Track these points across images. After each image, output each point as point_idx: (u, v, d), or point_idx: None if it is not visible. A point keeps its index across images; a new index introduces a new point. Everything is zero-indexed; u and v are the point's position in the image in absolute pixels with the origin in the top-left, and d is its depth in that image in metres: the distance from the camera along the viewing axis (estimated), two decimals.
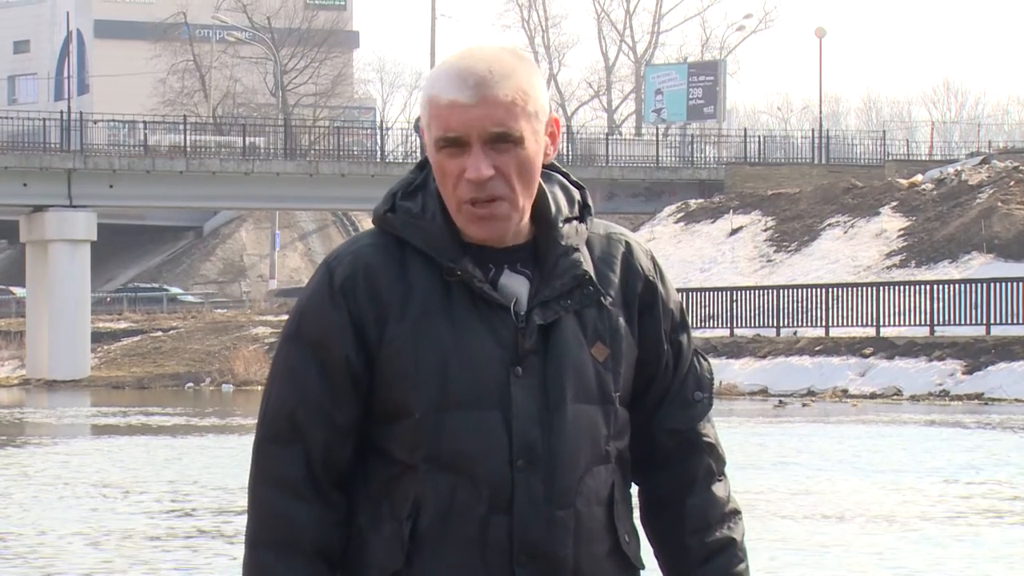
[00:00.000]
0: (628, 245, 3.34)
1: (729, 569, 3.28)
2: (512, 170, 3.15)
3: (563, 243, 3.26)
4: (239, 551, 9.94)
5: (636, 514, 3.20)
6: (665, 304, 3.31)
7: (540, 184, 3.28)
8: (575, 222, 3.27)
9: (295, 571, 3.12)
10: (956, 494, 18.80)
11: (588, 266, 3.23)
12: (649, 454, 3.29)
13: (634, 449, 3.27)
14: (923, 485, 19.91)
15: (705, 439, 3.30)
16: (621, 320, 3.26)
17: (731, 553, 3.28)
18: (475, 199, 3.14)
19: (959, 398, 40.47)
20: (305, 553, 3.13)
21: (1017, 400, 38.71)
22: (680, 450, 3.30)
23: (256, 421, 3.12)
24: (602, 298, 3.23)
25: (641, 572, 3.27)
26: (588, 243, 3.30)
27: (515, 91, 3.15)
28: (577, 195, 3.31)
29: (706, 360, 3.40)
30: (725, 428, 4.27)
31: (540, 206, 3.27)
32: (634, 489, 3.24)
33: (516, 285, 3.19)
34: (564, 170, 3.34)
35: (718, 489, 3.32)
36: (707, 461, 3.30)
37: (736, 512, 3.27)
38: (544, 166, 3.29)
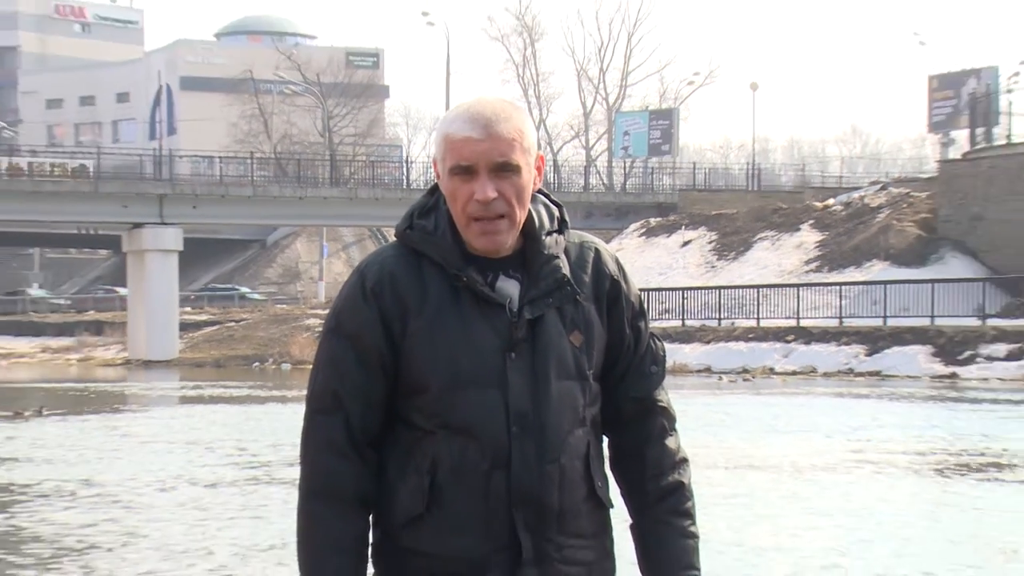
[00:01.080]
0: (597, 251, 3.44)
1: (679, 507, 3.38)
2: (511, 193, 3.23)
3: (546, 252, 3.33)
4: (293, 495, 10.13)
5: (607, 464, 3.34)
6: (627, 298, 3.40)
7: (531, 206, 3.33)
8: (555, 234, 3.35)
9: (339, 515, 3.22)
10: (855, 448, 18.77)
11: (566, 270, 3.31)
12: (616, 416, 3.38)
13: (604, 412, 3.36)
14: (830, 442, 19.88)
15: (659, 403, 3.40)
16: (593, 312, 3.35)
17: (681, 494, 3.39)
18: (481, 216, 3.23)
19: (861, 375, 40.31)
20: (347, 500, 3.22)
21: (907, 376, 38.63)
22: (640, 412, 3.38)
23: (305, 397, 3.29)
24: (577, 296, 3.32)
25: (610, 510, 3.37)
26: (566, 251, 3.36)
27: (514, 131, 3.26)
28: (556, 212, 3.39)
29: (660, 341, 3.50)
30: (677, 398, 4.20)
31: (527, 222, 3.33)
32: (605, 442, 3.35)
33: (509, 287, 3.28)
34: (546, 192, 3.43)
35: (670, 442, 3.42)
36: (661, 420, 3.40)
37: (685, 460, 3.41)
38: (539, 191, 3.41)
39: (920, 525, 12.36)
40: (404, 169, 76.09)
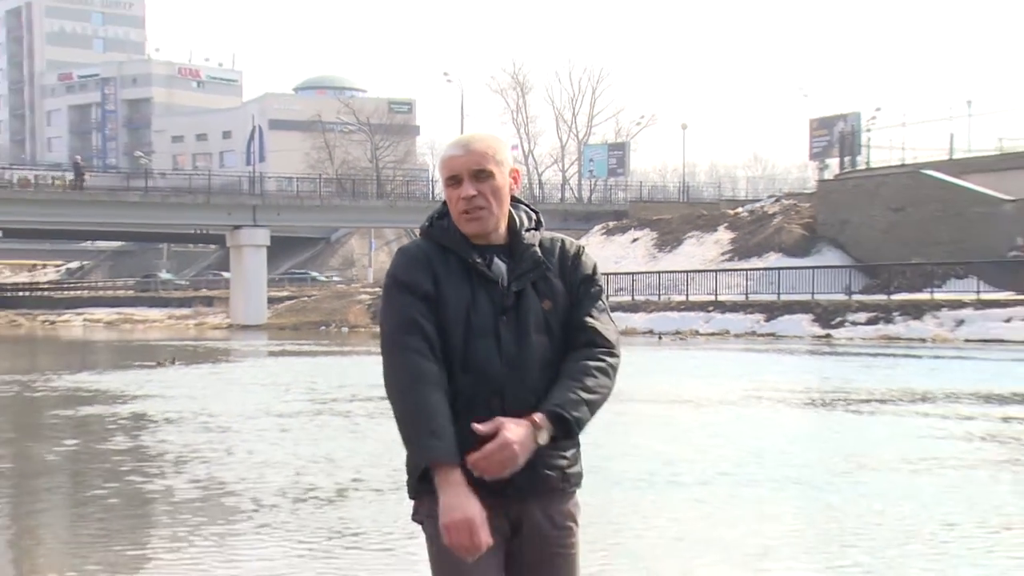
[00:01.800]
0: (563, 242, 3.53)
1: (580, 376, 3.34)
2: (488, 192, 3.35)
3: (525, 243, 3.44)
4: (356, 421, 10.29)
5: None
6: (584, 272, 3.46)
7: (512, 209, 3.47)
8: (533, 231, 3.46)
9: (433, 391, 3.21)
10: (753, 388, 18.80)
11: (540, 255, 3.42)
12: (570, 346, 3.40)
13: (565, 349, 3.39)
14: (734, 383, 19.83)
15: (598, 335, 3.42)
16: (559, 285, 3.43)
17: (587, 373, 3.38)
18: (467, 209, 3.35)
19: (761, 335, 40.29)
20: (433, 384, 3.22)
21: (794, 336, 38.65)
22: (585, 342, 3.40)
23: (382, 335, 3.33)
24: (548, 273, 3.42)
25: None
26: (540, 243, 3.49)
27: (486, 147, 3.39)
28: (534, 216, 3.49)
29: (605, 301, 3.52)
30: (627, 352, 4.22)
31: (511, 222, 3.45)
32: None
33: (501, 268, 3.39)
34: (527, 202, 3.50)
35: (599, 358, 3.41)
36: (597, 348, 3.40)
37: (605, 370, 3.40)
38: (514, 198, 3.49)
39: (799, 442, 12.41)
40: (430, 187, 76.05)
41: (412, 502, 3.38)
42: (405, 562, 6.40)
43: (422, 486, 3.33)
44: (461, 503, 3.13)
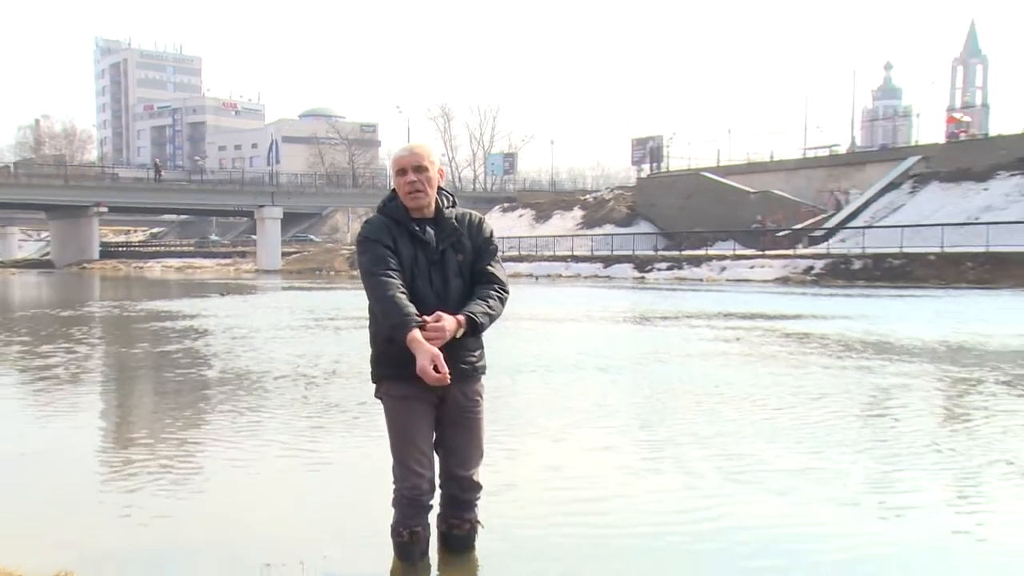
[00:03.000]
0: (471, 215, 3.47)
1: (484, 297, 3.34)
2: (424, 180, 3.33)
3: (446, 217, 3.41)
4: (338, 332, 9.93)
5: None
6: (484, 236, 3.41)
7: (438, 195, 3.40)
8: (451, 208, 3.40)
9: (401, 294, 3.20)
10: (588, 310, 18.81)
11: (456, 225, 3.38)
12: (477, 284, 3.38)
13: (473, 286, 3.37)
14: (577, 308, 19.85)
15: (494, 276, 3.40)
16: (468, 244, 3.39)
17: (488, 297, 3.35)
18: (409, 191, 3.32)
19: (601, 278, 40.64)
20: (400, 289, 3.22)
21: (622, 278, 39.00)
22: (485, 281, 3.38)
23: (361, 274, 3.31)
24: (461, 237, 3.38)
25: (482, 338, 3.45)
26: (456, 217, 3.41)
27: (424, 151, 3.39)
28: (451, 198, 3.43)
29: (499, 255, 3.48)
30: (514, 289, 4.15)
31: (438, 203, 3.40)
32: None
33: (431, 234, 3.35)
34: (448, 190, 3.43)
35: (495, 289, 3.39)
36: (493, 284, 3.38)
37: (499, 299, 3.39)
38: (440, 188, 3.42)
39: (616, 343, 12.41)
40: (387, 181, 75.25)
41: (374, 385, 3.42)
42: (371, 424, 6.30)
43: (380, 372, 3.39)
44: (427, 350, 3.12)
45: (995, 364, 9.74)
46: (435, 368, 3.11)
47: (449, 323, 3.20)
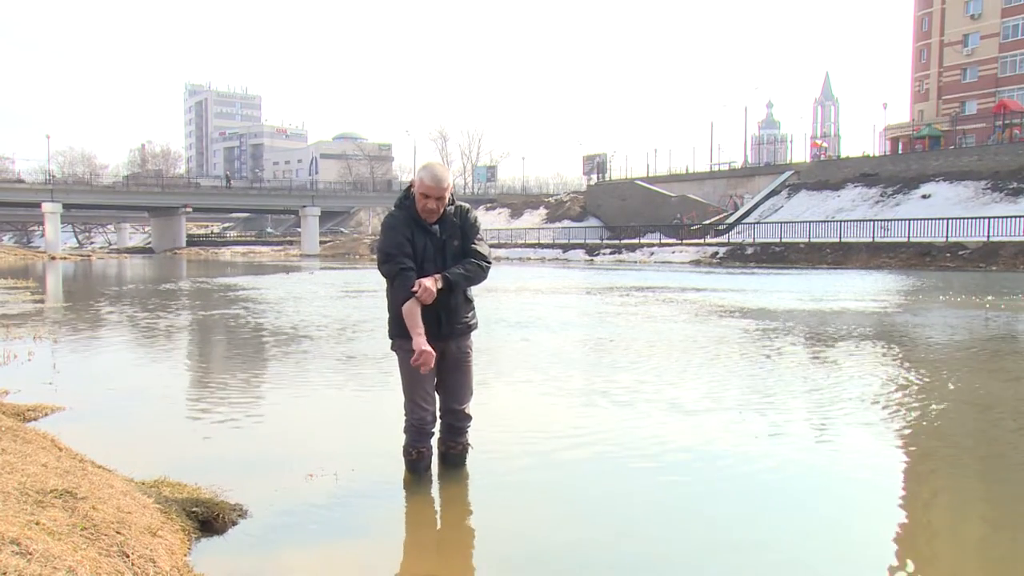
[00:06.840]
0: (463, 207, 3.27)
1: (466, 263, 3.16)
2: (440, 204, 3.18)
3: (448, 216, 3.25)
4: (361, 300, 9.63)
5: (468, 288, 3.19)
6: (469, 220, 3.26)
7: None
8: (451, 206, 3.24)
9: (410, 275, 3.07)
10: (552, 284, 18.64)
11: (455, 220, 3.23)
12: (465, 257, 3.22)
13: (462, 260, 3.21)
14: (543, 281, 19.69)
15: (476, 252, 3.25)
16: (459, 231, 3.24)
17: (469, 265, 3.20)
18: (426, 210, 3.16)
19: (560, 259, 40.43)
20: (410, 271, 3.09)
21: (576, 260, 38.82)
22: (471, 255, 3.23)
23: (378, 258, 3.14)
24: (456, 227, 3.24)
25: (474, 303, 3.31)
26: (454, 211, 3.25)
27: (447, 184, 3.15)
28: (452, 199, 3.26)
29: (482, 233, 3.32)
30: (494, 270, 4.04)
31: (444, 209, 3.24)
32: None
33: (437, 228, 3.20)
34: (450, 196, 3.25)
35: (473, 259, 3.24)
36: (476, 258, 3.23)
37: (481, 267, 3.22)
38: None
39: (567, 310, 12.28)
40: (399, 186, 74.34)
41: (390, 341, 3.34)
42: (388, 372, 6.22)
43: (394, 331, 3.33)
44: (420, 343, 3.02)
45: (805, 321, 9.79)
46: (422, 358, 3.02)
47: (428, 282, 3.08)
